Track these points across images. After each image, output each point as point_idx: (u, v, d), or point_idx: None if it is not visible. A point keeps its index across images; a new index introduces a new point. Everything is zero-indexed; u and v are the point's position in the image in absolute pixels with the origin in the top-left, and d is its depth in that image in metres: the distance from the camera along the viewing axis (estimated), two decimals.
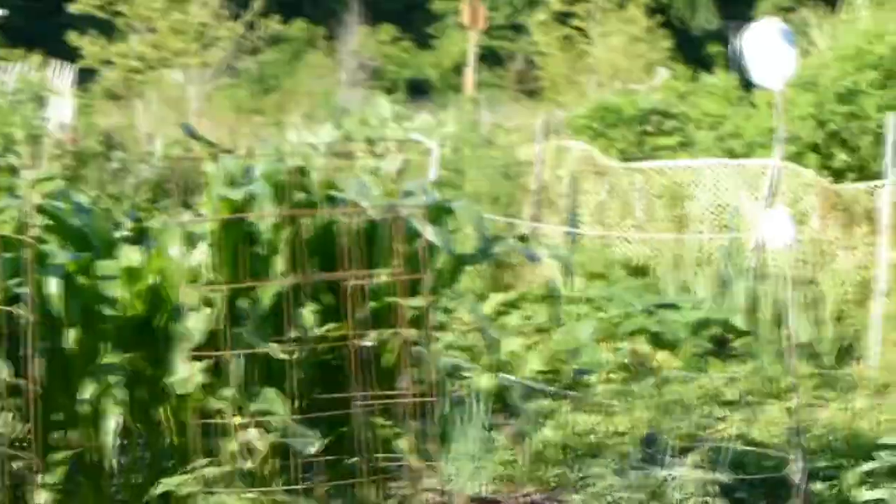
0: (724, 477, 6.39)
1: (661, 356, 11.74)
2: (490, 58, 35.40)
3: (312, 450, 4.96)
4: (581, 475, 7.23)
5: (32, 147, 12.09)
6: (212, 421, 4.94)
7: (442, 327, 9.48)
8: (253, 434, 4.81)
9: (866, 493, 7.64)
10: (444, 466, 7.73)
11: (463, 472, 8.05)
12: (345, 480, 5.55)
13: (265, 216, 5.83)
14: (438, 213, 6.51)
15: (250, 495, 5.05)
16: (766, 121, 16.52)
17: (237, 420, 4.82)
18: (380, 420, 5.94)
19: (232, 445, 4.86)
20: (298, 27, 42.77)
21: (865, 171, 15.73)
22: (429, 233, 6.16)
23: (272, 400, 4.98)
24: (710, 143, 18.83)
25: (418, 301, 6.06)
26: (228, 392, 4.99)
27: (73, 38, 28.21)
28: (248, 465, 4.88)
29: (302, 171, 6.37)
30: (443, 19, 46.38)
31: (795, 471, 7.35)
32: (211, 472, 4.75)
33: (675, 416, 10.18)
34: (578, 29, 33.08)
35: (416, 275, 6.02)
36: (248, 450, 4.82)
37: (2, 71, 17.62)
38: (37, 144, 12.23)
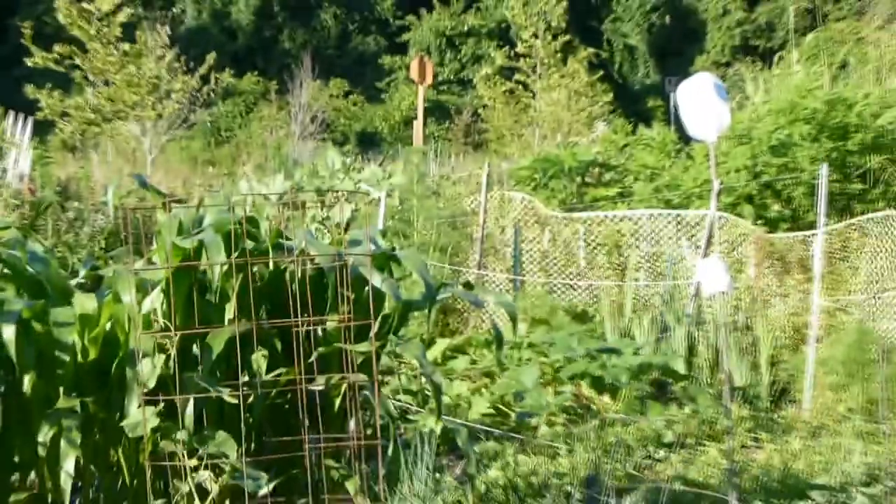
0: None
1: (603, 399, 11.80)
2: (438, 111, 35.48)
3: (263, 491, 4.97)
4: None
5: None
6: (165, 463, 4.93)
7: (390, 372, 9.55)
8: (205, 476, 4.84)
9: None
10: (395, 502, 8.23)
11: None
12: None
13: (215, 264, 5.81)
14: (385, 261, 6.53)
15: None
16: (703, 172, 16.70)
17: (190, 462, 4.85)
18: (329, 462, 5.93)
19: (185, 487, 4.88)
20: (251, 81, 42.78)
21: (799, 221, 15.91)
22: (376, 280, 6.16)
23: (224, 442, 4.99)
24: (648, 194, 18.95)
25: (366, 346, 6.04)
26: (181, 435, 4.99)
27: (30, 90, 28.24)
28: None
29: (251, 221, 6.40)
30: (392, 74, 46.45)
31: None
32: None
33: (616, 457, 10.10)
34: (522, 83, 33.23)
35: (363, 321, 6.00)
36: (201, 491, 4.84)
37: None
38: None
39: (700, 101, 8.38)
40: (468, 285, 7.93)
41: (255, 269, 6.00)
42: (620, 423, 11.38)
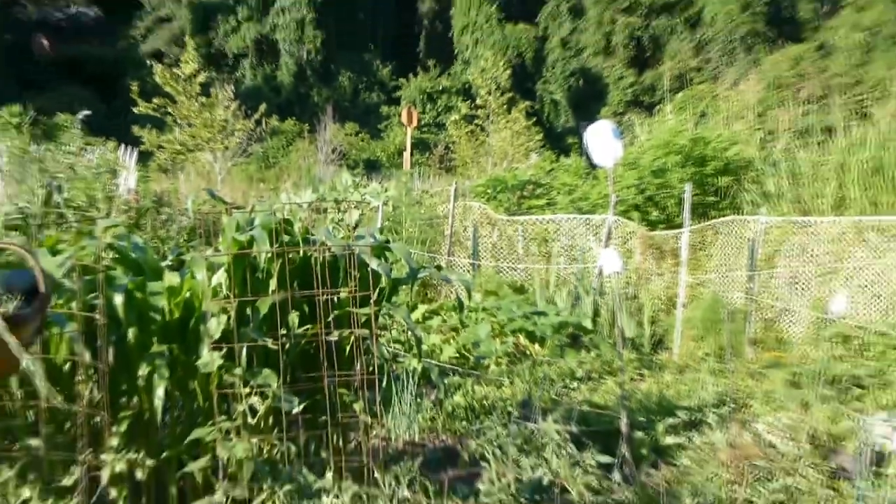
0: (574, 429, 6.49)
1: (535, 347, 11.87)
2: (421, 145, 35.49)
3: (296, 410, 5.14)
4: (479, 427, 7.35)
5: (108, 205, 12.21)
6: (227, 391, 5.08)
7: (384, 328, 9.67)
8: (255, 400, 4.93)
9: (669, 439, 7.93)
10: (387, 421, 8.37)
11: (400, 425, 8.45)
12: (318, 431, 5.67)
13: (262, 252, 5.82)
14: (381, 250, 6.59)
15: (253, 441, 5.18)
16: (604, 189, 16.79)
17: (244, 390, 4.95)
18: (342, 390, 5.92)
19: (241, 407, 4.99)
20: (290, 124, 42.70)
21: (671, 223, 16.02)
22: (374, 263, 6.20)
23: (268, 376, 5.13)
24: (566, 204, 19.07)
25: (367, 310, 6.03)
26: (238, 371, 5.14)
27: (136, 130, 28.44)
28: (252, 420, 4.99)
29: (287, 222, 6.44)
30: (389, 119, 46.51)
31: (623, 424, 7.47)
32: (227, 425, 4.86)
33: (543, 387, 10.20)
34: (480, 126, 33.75)
35: (365, 292, 6.03)
36: (252, 410, 4.93)
37: (88, 152, 17.75)
38: (111, 203, 12.33)
39: (601, 139, 8.45)
40: (439, 268, 8.05)
41: (289, 255, 6.02)
42: (546, 364, 11.40)
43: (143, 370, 5.31)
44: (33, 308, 2.74)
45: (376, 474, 5.38)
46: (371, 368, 6.30)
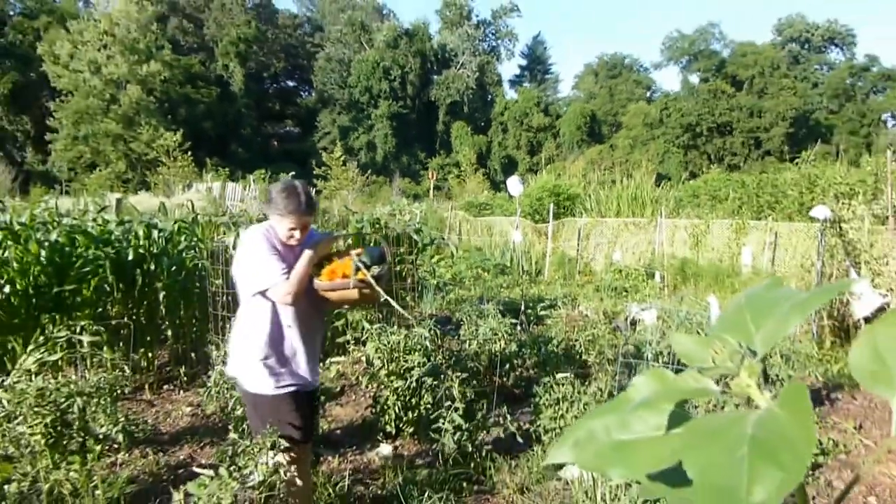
0: (501, 308, 6.60)
1: (485, 274, 11.97)
2: (436, 188, 36.99)
3: (381, 300, 5.79)
4: (461, 309, 7.07)
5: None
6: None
7: (419, 265, 10.75)
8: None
9: (542, 312, 8.32)
10: (421, 305, 8.60)
11: (426, 307, 8.84)
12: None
13: (367, 235, 6.62)
14: (419, 230, 7.45)
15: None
16: (515, 206, 16.81)
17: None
18: (403, 292, 6.57)
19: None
20: (381, 179, 44.10)
21: (545, 221, 16.30)
22: (416, 236, 7.24)
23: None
24: (500, 212, 20.28)
25: (412, 257, 6.92)
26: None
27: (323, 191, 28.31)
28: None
29: (378, 220, 7.38)
30: (423, 176, 48.47)
31: (522, 305, 8.34)
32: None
33: (488, 291, 10.90)
34: (463, 179, 36.27)
35: (412, 249, 6.94)
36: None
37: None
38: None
39: (514, 184, 10.42)
40: (443, 238, 9.53)
41: (376, 233, 6.95)
42: (490, 281, 11.84)
43: None
44: (382, 269, 3.01)
45: (416, 325, 5.13)
46: (412, 282, 7.04)
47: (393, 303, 3.23)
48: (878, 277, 7.35)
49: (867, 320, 7.51)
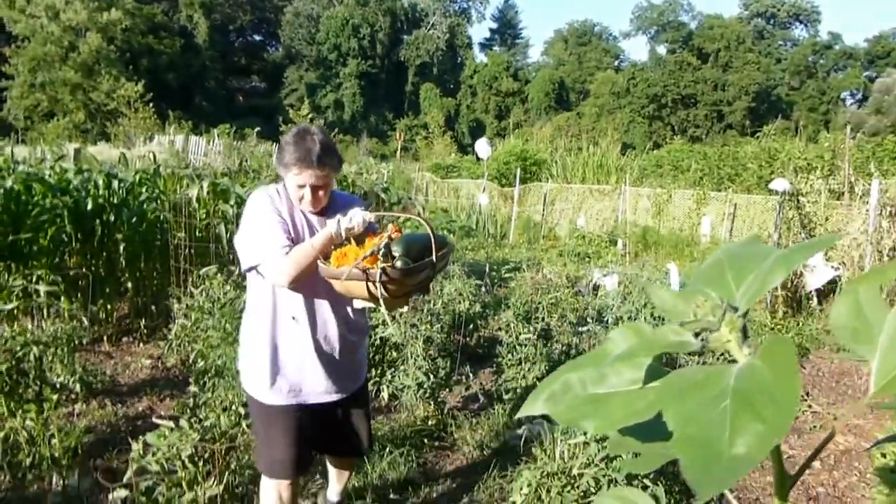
0: (466, 269, 6.71)
1: (451, 235, 13.03)
2: (403, 149, 36.66)
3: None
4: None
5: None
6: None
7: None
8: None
9: (506, 275, 8.28)
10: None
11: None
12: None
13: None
14: (386, 190, 7.50)
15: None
16: (482, 169, 17.18)
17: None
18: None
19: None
20: (348, 138, 43.33)
21: (511, 185, 16.84)
22: (383, 194, 7.77)
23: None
24: (467, 175, 20.20)
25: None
26: None
27: None
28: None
29: (345, 178, 7.63)
30: (390, 136, 48.12)
31: (487, 268, 8.19)
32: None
33: (455, 251, 11.59)
34: (430, 140, 35.85)
35: (381, 209, 7.44)
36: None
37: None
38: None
39: (482, 146, 10.54)
40: (410, 198, 9.63)
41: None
42: (457, 243, 11.35)
43: None
44: (410, 265, 2.18)
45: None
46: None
47: (385, 313, 2.24)
48: (832, 251, 7.54)
49: (819, 292, 7.74)
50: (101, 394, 4.57)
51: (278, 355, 2.41)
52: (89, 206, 5.68)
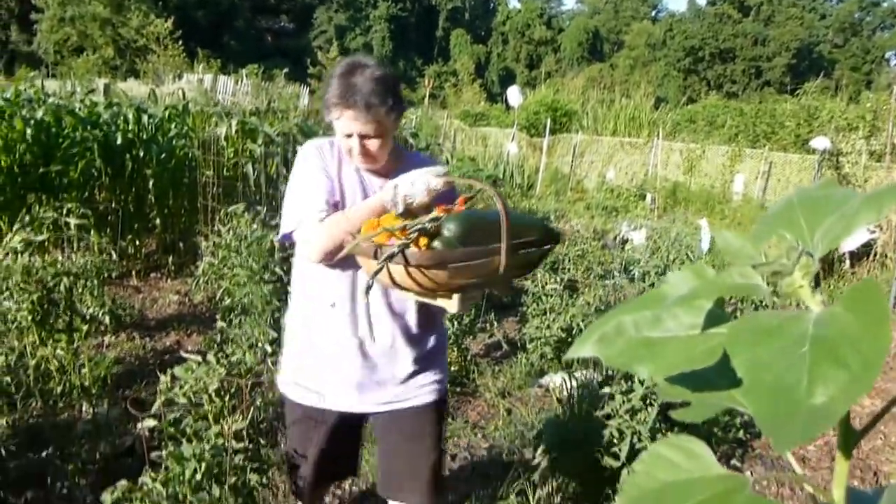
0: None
1: (478, 183, 13.20)
2: (432, 96, 36.35)
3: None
4: None
5: None
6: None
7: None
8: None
9: None
10: None
11: None
12: None
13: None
14: (415, 135, 7.54)
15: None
16: (513, 118, 17.05)
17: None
18: None
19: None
20: None
21: (540, 135, 16.93)
22: (412, 139, 7.43)
23: None
24: (496, 124, 20.24)
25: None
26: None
27: None
28: None
29: None
30: (419, 83, 47.96)
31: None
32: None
33: (480, 197, 11.57)
34: (459, 88, 35.63)
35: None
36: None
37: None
38: None
39: (513, 94, 10.42)
40: (438, 145, 9.59)
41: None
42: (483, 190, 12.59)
43: None
44: (456, 252, 1.56)
45: None
46: None
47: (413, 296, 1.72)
48: None
49: (852, 255, 7.59)
50: (129, 327, 4.63)
51: (309, 346, 1.97)
52: (119, 141, 5.68)
